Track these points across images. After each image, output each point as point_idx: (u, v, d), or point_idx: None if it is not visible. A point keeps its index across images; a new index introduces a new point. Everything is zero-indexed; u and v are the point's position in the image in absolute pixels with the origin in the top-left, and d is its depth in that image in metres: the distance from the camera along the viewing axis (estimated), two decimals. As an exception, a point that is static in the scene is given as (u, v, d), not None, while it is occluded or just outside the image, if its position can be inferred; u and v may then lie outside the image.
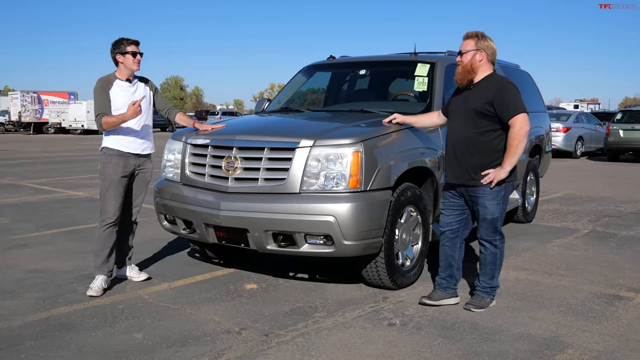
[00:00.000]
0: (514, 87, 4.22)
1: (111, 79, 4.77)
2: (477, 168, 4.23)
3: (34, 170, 14.45)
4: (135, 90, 4.82)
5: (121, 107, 4.67)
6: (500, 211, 4.29)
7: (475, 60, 4.25)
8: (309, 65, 6.86)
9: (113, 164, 4.72)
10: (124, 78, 4.78)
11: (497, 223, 4.31)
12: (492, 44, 4.30)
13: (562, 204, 9.48)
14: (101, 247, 4.74)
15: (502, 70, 7.17)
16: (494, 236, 4.34)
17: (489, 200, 4.25)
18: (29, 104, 41.84)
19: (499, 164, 4.19)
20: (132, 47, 4.72)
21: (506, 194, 4.30)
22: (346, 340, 3.76)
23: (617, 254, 6.12)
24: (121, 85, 4.76)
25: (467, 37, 4.32)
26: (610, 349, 3.66)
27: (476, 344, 3.72)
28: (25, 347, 3.62)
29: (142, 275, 5.04)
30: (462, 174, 4.30)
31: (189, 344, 3.68)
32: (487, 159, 4.22)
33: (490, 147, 4.22)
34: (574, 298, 4.63)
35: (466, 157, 4.26)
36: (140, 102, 4.61)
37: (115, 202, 4.74)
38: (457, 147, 4.32)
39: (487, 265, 4.39)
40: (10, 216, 8.06)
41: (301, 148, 4.40)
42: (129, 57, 4.71)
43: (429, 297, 4.47)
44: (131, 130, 4.76)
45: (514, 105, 4.13)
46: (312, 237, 4.37)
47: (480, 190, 4.25)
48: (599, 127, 21.77)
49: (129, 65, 4.73)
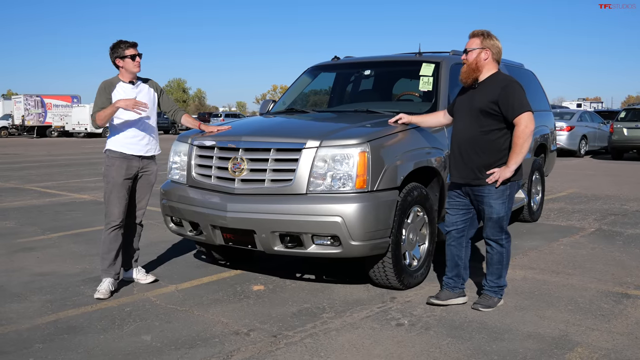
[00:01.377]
0: (519, 86, 4.21)
1: (114, 82, 4.76)
2: (483, 167, 4.22)
3: (38, 174, 14.48)
4: (139, 92, 4.81)
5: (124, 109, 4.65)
6: (505, 210, 4.28)
7: (480, 59, 4.25)
8: (314, 66, 6.86)
9: (116, 166, 4.71)
10: (127, 81, 4.77)
11: (502, 222, 4.30)
12: (498, 43, 4.29)
13: (568, 203, 9.46)
14: (107, 250, 4.74)
15: (506, 69, 7.16)
16: (500, 235, 4.33)
17: (495, 199, 4.24)
18: (32, 107, 41.98)
19: (504, 163, 4.18)
20: (131, 50, 4.69)
21: (511, 193, 4.30)
22: (355, 341, 3.75)
23: (624, 252, 6.11)
24: (124, 87, 4.75)
25: (473, 36, 4.31)
26: (619, 347, 3.65)
27: (485, 344, 3.71)
28: (34, 349, 3.62)
29: (148, 278, 5.03)
30: (467, 173, 4.29)
31: (197, 346, 3.68)
32: (493, 158, 4.21)
33: (495, 146, 4.21)
34: (582, 297, 4.62)
35: (471, 156, 4.26)
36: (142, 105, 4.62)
37: (120, 205, 4.73)
38: (463, 146, 4.31)
39: (494, 265, 4.38)
40: (16, 219, 8.08)
41: (308, 149, 4.40)
42: (128, 60, 4.69)
43: (437, 297, 4.46)
44: (134, 132, 4.75)
45: (519, 103, 4.12)
46: (319, 238, 4.37)
47: (486, 189, 4.24)
48: (602, 126, 21.74)
49: (129, 69, 4.72)
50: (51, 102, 42.95)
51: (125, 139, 4.74)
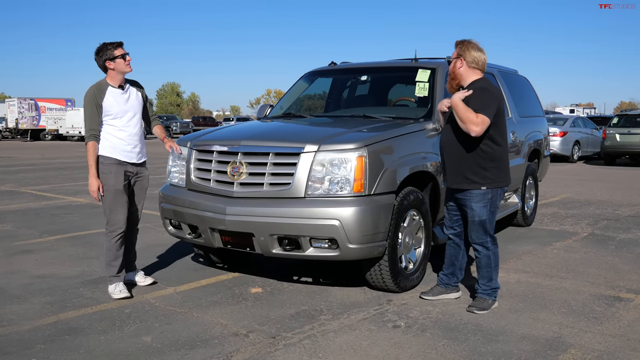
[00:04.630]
0: (490, 94, 4.28)
1: (103, 87, 4.66)
2: (464, 171, 4.34)
3: (33, 177, 14.48)
4: (129, 97, 4.76)
5: (116, 116, 4.65)
6: (487, 214, 4.38)
7: (456, 67, 4.40)
8: (311, 72, 6.93)
9: (114, 173, 4.68)
10: (116, 84, 4.69)
11: (485, 225, 4.39)
12: (473, 52, 4.38)
13: (561, 208, 9.56)
14: (114, 257, 4.75)
15: (501, 75, 7.26)
16: (485, 238, 4.43)
17: (476, 202, 4.35)
18: (26, 110, 41.87)
19: (483, 168, 4.30)
20: (120, 50, 4.62)
21: (494, 197, 4.39)
22: (352, 342, 3.81)
23: (617, 256, 6.19)
24: (113, 93, 4.67)
25: (455, 45, 4.46)
26: (612, 348, 3.72)
27: (480, 345, 3.77)
28: (35, 350, 3.67)
29: (147, 280, 5.08)
30: (450, 177, 4.44)
31: (197, 347, 3.73)
32: (472, 162, 4.32)
33: (474, 150, 4.31)
34: (575, 300, 4.70)
35: (453, 160, 4.39)
36: (98, 195, 4.66)
37: (124, 211, 4.73)
38: (445, 150, 4.47)
39: (483, 268, 4.48)
40: (13, 222, 8.10)
41: (306, 153, 4.47)
42: (119, 61, 4.61)
43: (429, 293, 4.66)
44: (127, 140, 4.73)
45: (481, 104, 4.19)
46: (317, 241, 4.43)
47: (468, 193, 4.37)
48: (595, 132, 21.90)
49: (121, 69, 4.64)
50: (45, 105, 42.84)
51: (118, 146, 4.69)
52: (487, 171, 4.30)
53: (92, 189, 4.66)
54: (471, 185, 4.32)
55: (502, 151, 4.36)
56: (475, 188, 4.32)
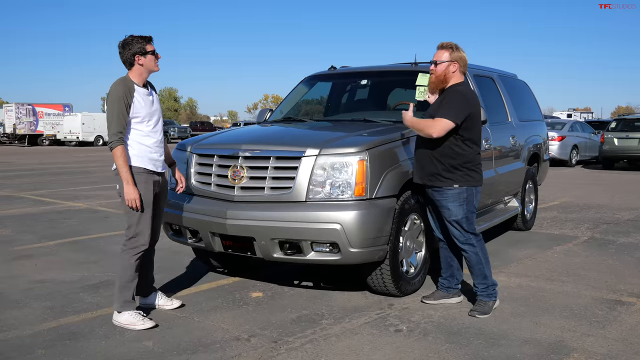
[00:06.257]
0: (460, 97, 4.31)
1: (129, 84, 4.12)
2: (438, 172, 4.39)
3: (31, 182, 14.45)
4: (153, 99, 4.28)
5: (143, 119, 4.15)
6: (463, 213, 4.40)
7: (448, 71, 4.40)
8: (310, 76, 6.94)
9: (143, 183, 4.16)
10: (140, 83, 4.18)
11: (463, 224, 4.42)
12: (464, 55, 4.45)
13: (560, 212, 9.56)
14: (132, 278, 4.20)
15: (500, 79, 7.28)
16: (468, 236, 4.45)
17: (451, 202, 4.39)
18: (24, 116, 41.85)
19: (455, 168, 4.34)
20: (151, 46, 4.16)
21: (469, 196, 4.42)
22: (354, 346, 3.80)
23: (617, 260, 6.19)
24: (141, 93, 4.16)
25: (442, 48, 4.45)
26: (614, 352, 3.71)
27: (483, 349, 3.76)
28: (36, 355, 3.65)
29: (174, 302, 4.58)
30: (422, 174, 4.49)
31: (199, 351, 3.71)
32: (446, 162, 4.35)
33: (447, 152, 4.35)
34: (577, 303, 4.69)
35: (426, 160, 4.45)
36: (139, 204, 4.12)
37: (150, 226, 4.26)
38: (419, 151, 4.52)
39: (475, 267, 4.49)
40: (12, 227, 8.08)
41: (307, 157, 4.46)
42: (151, 57, 4.15)
43: (430, 297, 4.66)
44: (153, 147, 4.25)
45: (447, 109, 4.24)
46: (318, 245, 4.42)
47: (444, 193, 4.40)
48: (593, 136, 21.93)
49: (150, 67, 4.17)
50: (43, 110, 42.84)
51: (147, 155, 4.20)
52: (459, 171, 4.36)
53: (131, 197, 4.05)
54: (444, 182, 4.36)
55: (474, 153, 4.40)
56: (448, 185, 4.35)
